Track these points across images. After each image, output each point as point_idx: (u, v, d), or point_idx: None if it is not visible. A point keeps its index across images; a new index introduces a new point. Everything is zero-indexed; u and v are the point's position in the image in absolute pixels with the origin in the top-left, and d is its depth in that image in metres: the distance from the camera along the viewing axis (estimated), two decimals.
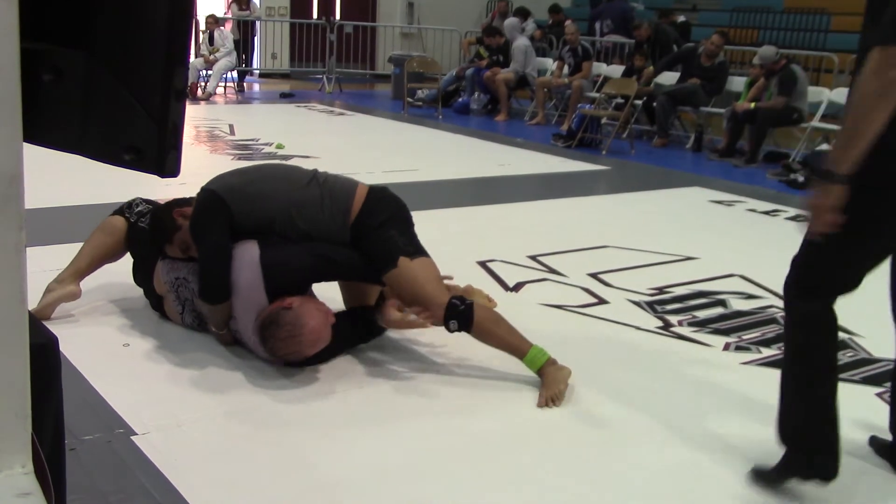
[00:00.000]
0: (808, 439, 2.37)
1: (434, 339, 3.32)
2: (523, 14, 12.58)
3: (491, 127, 10.33)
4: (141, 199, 3.54)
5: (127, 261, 3.94)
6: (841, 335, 3.62)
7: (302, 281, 2.99)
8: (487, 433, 2.64)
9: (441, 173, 7.00)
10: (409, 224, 3.13)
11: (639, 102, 9.50)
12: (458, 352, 3.23)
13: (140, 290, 3.49)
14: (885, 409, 2.98)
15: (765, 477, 2.45)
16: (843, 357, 3.41)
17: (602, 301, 3.93)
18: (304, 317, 2.78)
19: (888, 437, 2.64)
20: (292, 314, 2.78)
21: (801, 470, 2.39)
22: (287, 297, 2.84)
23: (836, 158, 2.12)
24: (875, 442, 2.69)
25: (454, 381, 3.00)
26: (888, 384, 3.16)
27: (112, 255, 3.48)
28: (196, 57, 11.17)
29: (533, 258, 4.48)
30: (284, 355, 2.86)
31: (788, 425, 2.37)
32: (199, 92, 11.16)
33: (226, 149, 7.54)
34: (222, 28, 11.87)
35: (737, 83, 9.29)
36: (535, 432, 2.66)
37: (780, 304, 3.99)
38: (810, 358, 2.35)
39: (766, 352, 3.42)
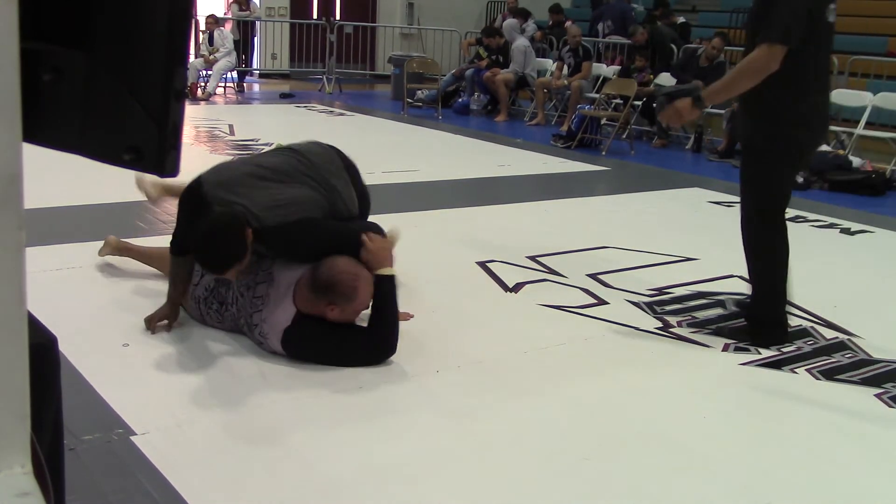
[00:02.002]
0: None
1: (434, 339, 3.32)
2: (523, 15, 12.59)
3: (491, 127, 10.33)
4: None
5: (128, 262, 3.95)
6: (840, 336, 3.66)
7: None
8: (486, 434, 2.64)
9: (441, 173, 7.00)
10: None
11: (638, 103, 9.50)
12: (458, 352, 3.23)
13: (140, 290, 3.50)
14: (884, 410, 2.99)
15: (729, 334, 3.52)
16: (843, 359, 3.41)
17: (601, 302, 3.93)
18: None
19: None
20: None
21: (765, 339, 3.45)
22: None
23: (709, 96, 3.20)
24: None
25: (453, 381, 3.00)
26: (888, 384, 3.17)
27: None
28: (196, 57, 11.17)
29: (532, 259, 4.48)
30: (343, 279, 2.94)
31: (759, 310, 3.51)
32: (199, 92, 11.16)
33: (225, 149, 7.54)
34: (222, 28, 11.87)
35: None
36: (534, 433, 2.66)
37: None
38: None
39: (765, 353, 3.42)
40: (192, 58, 10.79)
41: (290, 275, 3.03)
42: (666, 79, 9.87)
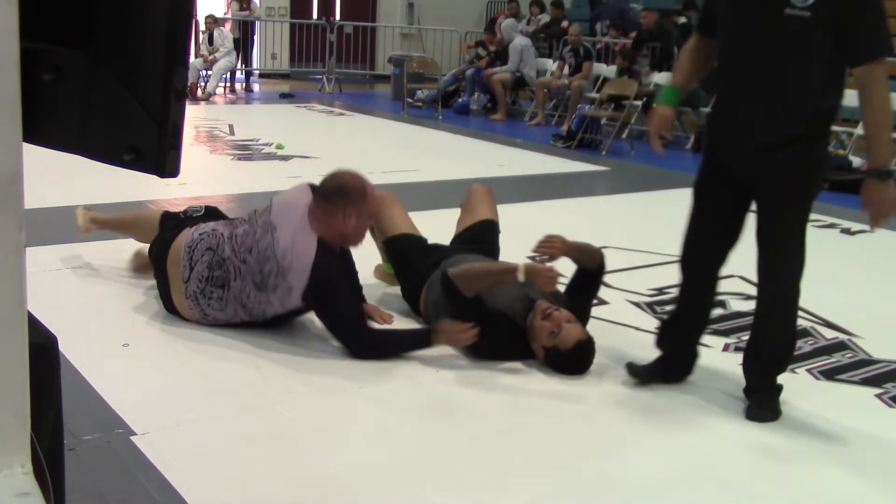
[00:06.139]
0: None
1: None
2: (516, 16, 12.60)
3: (490, 127, 10.33)
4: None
5: (127, 262, 3.95)
6: (840, 336, 3.66)
7: None
8: (487, 434, 2.64)
9: (441, 173, 7.00)
10: None
11: (638, 103, 9.49)
12: (458, 352, 3.22)
13: (140, 290, 3.49)
14: (884, 410, 2.99)
15: None
16: (843, 359, 3.41)
17: (601, 301, 3.91)
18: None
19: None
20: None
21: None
22: None
23: (887, 159, 2.54)
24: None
25: (453, 381, 3.00)
26: (888, 384, 3.17)
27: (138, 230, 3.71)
28: (196, 57, 11.17)
29: (533, 259, 4.47)
30: (352, 182, 3.03)
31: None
32: (199, 92, 11.16)
33: (225, 149, 7.54)
34: (222, 28, 11.87)
35: None
36: (534, 433, 2.66)
37: None
38: None
39: None
40: (192, 58, 10.78)
41: (295, 200, 3.07)
42: (665, 79, 9.85)
